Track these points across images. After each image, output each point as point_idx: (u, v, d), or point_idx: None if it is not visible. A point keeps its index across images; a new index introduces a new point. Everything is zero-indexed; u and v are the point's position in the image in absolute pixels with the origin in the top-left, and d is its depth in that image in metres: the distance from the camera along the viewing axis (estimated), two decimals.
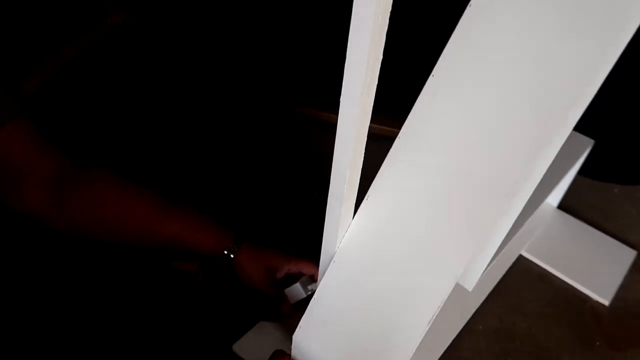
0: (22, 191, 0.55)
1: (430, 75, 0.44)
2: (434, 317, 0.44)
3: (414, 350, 0.45)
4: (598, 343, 0.70)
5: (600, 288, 0.76)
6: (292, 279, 0.65)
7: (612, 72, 0.38)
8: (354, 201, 0.47)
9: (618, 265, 0.79)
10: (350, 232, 0.48)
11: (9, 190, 0.56)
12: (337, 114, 0.38)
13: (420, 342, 0.45)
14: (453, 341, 0.67)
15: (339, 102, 0.37)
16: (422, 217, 0.45)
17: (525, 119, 0.41)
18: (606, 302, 0.75)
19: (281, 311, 0.64)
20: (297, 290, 0.64)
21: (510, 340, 0.70)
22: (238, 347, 0.62)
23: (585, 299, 0.76)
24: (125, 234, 0.59)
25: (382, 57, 0.35)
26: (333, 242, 0.48)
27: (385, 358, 0.46)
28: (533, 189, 0.47)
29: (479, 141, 0.43)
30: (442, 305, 0.44)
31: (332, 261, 0.49)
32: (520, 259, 0.80)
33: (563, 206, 0.88)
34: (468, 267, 0.49)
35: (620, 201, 0.91)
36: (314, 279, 0.65)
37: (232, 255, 0.62)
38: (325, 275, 0.49)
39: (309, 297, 0.63)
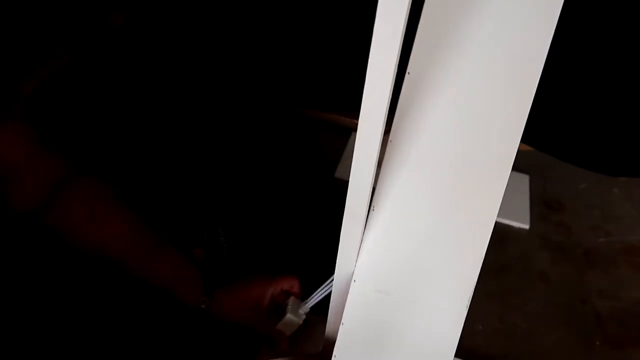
0: (15, 193, 0.56)
1: (406, 73, 0.45)
2: (470, 298, 0.46)
3: (459, 335, 0.47)
4: (598, 343, 0.71)
5: (519, 217, 0.86)
6: (279, 309, 0.62)
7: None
8: (366, 217, 0.46)
9: (520, 193, 0.91)
10: (365, 247, 0.48)
11: (3, 190, 0.56)
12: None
13: None
14: None
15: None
16: (430, 214, 0.46)
17: (504, 97, 0.43)
18: (526, 227, 0.85)
19: (279, 348, 0.62)
20: (289, 320, 0.59)
21: (510, 340, 0.70)
22: None
23: (585, 298, 0.76)
24: (105, 251, 0.59)
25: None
26: (351, 260, 0.48)
27: (437, 346, 0.48)
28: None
29: (467, 130, 0.44)
30: (474, 286, 0.46)
31: (353, 280, 0.48)
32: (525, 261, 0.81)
33: (562, 205, 0.88)
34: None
35: (620, 201, 0.91)
36: (299, 301, 0.61)
37: (205, 307, 0.60)
38: (350, 295, 0.48)
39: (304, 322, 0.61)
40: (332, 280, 0.51)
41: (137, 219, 0.60)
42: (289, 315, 0.59)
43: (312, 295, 0.58)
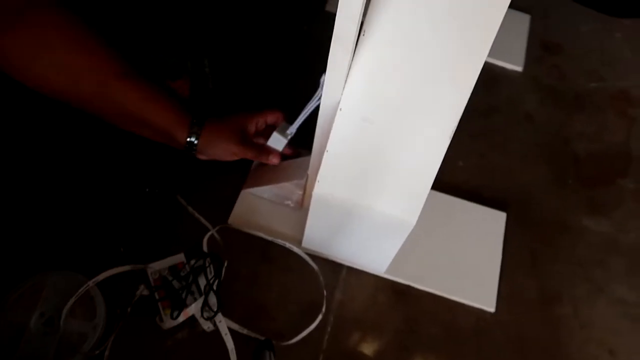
0: None
1: None
2: (454, 128, 0.46)
3: (439, 165, 0.48)
4: (571, 181, 0.74)
5: (513, 58, 0.85)
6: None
7: None
8: (355, 42, 0.44)
9: (518, 34, 0.88)
10: (353, 74, 0.47)
11: None
12: None
13: None
14: None
15: None
16: (423, 44, 0.45)
17: None
18: (520, 69, 0.84)
19: (270, 161, 0.64)
20: (276, 138, 0.62)
21: (488, 175, 0.73)
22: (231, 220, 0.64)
23: (567, 140, 0.78)
24: (76, 88, 0.54)
25: None
26: (338, 88, 0.47)
27: (417, 174, 0.49)
28: None
29: None
30: (459, 116, 0.46)
31: (339, 108, 0.48)
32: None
33: (561, 48, 0.86)
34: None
35: (620, 46, 0.89)
36: (287, 125, 0.62)
37: (195, 141, 0.59)
38: (336, 123, 0.48)
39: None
40: (318, 98, 0.51)
41: (99, 46, 0.55)
42: (275, 133, 0.62)
43: (299, 116, 0.59)
